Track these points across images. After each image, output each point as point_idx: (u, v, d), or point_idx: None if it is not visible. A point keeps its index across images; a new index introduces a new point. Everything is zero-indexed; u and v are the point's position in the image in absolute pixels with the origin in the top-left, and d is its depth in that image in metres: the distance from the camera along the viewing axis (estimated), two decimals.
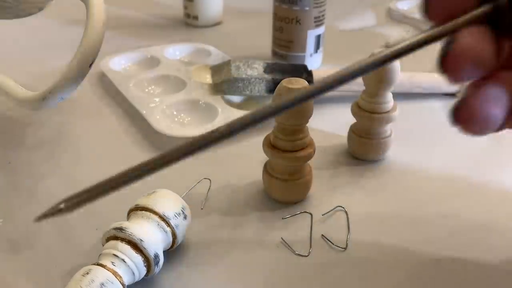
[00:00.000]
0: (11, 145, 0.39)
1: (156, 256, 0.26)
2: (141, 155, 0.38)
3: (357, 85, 0.42)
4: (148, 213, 0.27)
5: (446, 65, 0.20)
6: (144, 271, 0.26)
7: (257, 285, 0.27)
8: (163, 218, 0.27)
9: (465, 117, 0.20)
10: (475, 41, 0.19)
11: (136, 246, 0.26)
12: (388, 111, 0.35)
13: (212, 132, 0.19)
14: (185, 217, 0.28)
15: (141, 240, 0.25)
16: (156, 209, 0.27)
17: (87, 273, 0.24)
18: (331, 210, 0.32)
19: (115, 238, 0.26)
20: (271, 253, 0.29)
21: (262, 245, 0.30)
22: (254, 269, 0.28)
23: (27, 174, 0.35)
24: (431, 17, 0.21)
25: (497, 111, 0.20)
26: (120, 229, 0.26)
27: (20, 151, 0.38)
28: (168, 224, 0.27)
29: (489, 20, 0.19)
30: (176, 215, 0.28)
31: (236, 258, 0.29)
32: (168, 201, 0.28)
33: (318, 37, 0.51)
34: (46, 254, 0.29)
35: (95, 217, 0.31)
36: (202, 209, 0.32)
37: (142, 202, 0.28)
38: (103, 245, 0.26)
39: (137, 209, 0.28)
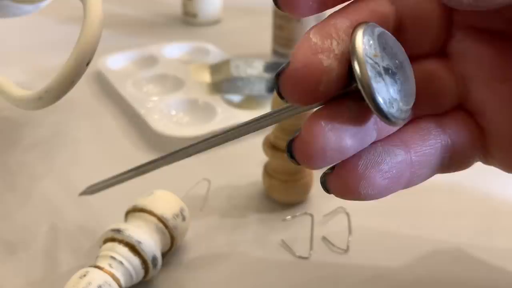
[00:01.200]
0: (7, 145, 0.38)
1: (154, 258, 0.26)
2: (138, 155, 0.37)
3: None
4: (146, 215, 0.27)
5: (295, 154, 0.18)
6: (142, 273, 0.26)
7: (256, 287, 0.27)
8: (161, 220, 0.27)
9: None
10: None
11: (134, 248, 0.25)
12: None
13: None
14: (183, 219, 0.28)
15: (139, 242, 0.25)
16: (155, 211, 0.27)
17: (84, 275, 0.24)
18: (332, 211, 0.32)
19: (113, 239, 0.26)
20: (271, 255, 0.29)
21: (262, 247, 0.29)
22: (254, 271, 0.28)
23: (23, 174, 0.35)
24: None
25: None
26: (118, 230, 0.25)
27: (16, 151, 0.37)
28: (167, 226, 0.27)
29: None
30: (175, 216, 0.27)
31: (235, 260, 0.29)
32: (166, 202, 0.28)
33: None
34: (42, 255, 0.28)
35: (92, 218, 0.31)
36: (201, 210, 0.32)
37: (140, 203, 0.27)
38: (100, 247, 0.26)
39: (135, 211, 0.27)
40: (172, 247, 0.28)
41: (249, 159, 0.37)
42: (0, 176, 0.35)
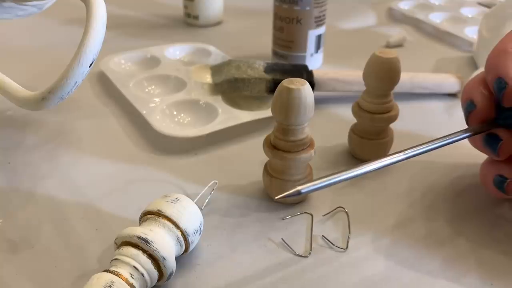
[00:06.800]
0: (11, 145, 0.38)
1: (171, 274, 0.26)
2: (141, 155, 0.38)
3: (358, 85, 0.42)
4: (170, 225, 0.26)
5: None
6: (154, 284, 0.26)
7: (256, 286, 0.27)
8: (183, 234, 0.27)
9: None
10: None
11: (157, 262, 0.25)
12: (388, 111, 0.35)
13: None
14: (200, 233, 0.28)
15: (164, 258, 0.25)
16: (180, 224, 0.26)
17: (110, 286, 0.23)
18: (332, 211, 0.32)
19: (136, 246, 0.25)
20: (271, 254, 0.29)
21: (262, 245, 0.30)
22: (254, 270, 0.28)
23: (26, 174, 0.35)
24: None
25: None
26: (146, 241, 0.25)
27: (20, 151, 0.38)
28: (186, 240, 0.27)
29: None
30: (195, 231, 0.27)
31: (235, 259, 0.29)
32: (191, 215, 0.27)
33: (319, 37, 0.50)
34: (45, 254, 0.29)
35: (95, 217, 0.31)
36: (201, 209, 0.32)
37: (166, 210, 0.27)
38: (117, 246, 0.26)
39: (159, 216, 0.26)
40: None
41: (250, 159, 0.37)
42: (4, 175, 0.35)
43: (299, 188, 0.23)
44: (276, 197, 0.24)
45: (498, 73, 0.28)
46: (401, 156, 0.26)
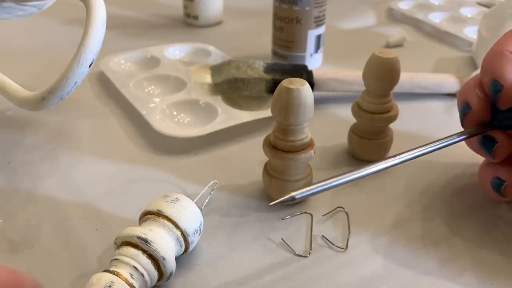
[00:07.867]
0: (11, 145, 0.38)
1: (171, 274, 0.26)
2: (141, 155, 0.38)
3: (358, 85, 0.42)
4: (170, 225, 0.26)
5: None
6: (154, 284, 0.26)
7: (256, 286, 0.27)
8: (183, 234, 0.27)
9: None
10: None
11: (157, 262, 0.25)
12: (388, 111, 0.35)
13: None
14: (200, 233, 0.28)
15: (163, 258, 0.25)
16: (180, 224, 0.26)
17: (110, 286, 0.23)
18: (332, 210, 0.32)
19: (136, 246, 0.25)
20: (271, 254, 0.29)
21: (262, 245, 0.30)
22: (253, 270, 0.28)
23: (26, 174, 0.35)
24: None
25: None
26: (146, 241, 0.25)
27: (20, 151, 0.38)
28: (186, 240, 0.27)
29: None
30: (195, 232, 0.27)
31: (235, 259, 0.29)
32: (191, 215, 0.27)
33: (319, 37, 0.50)
34: (45, 254, 0.29)
35: (95, 217, 0.31)
36: (201, 209, 0.32)
37: (166, 210, 0.27)
38: (117, 246, 0.26)
39: (159, 216, 0.27)
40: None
41: (250, 159, 0.37)
42: (4, 176, 0.35)
43: (293, 194, 0.23)
44: (270, 204, 0.24)
45: (494, 75, 0.28)
46: (395, 160, 0.26)
